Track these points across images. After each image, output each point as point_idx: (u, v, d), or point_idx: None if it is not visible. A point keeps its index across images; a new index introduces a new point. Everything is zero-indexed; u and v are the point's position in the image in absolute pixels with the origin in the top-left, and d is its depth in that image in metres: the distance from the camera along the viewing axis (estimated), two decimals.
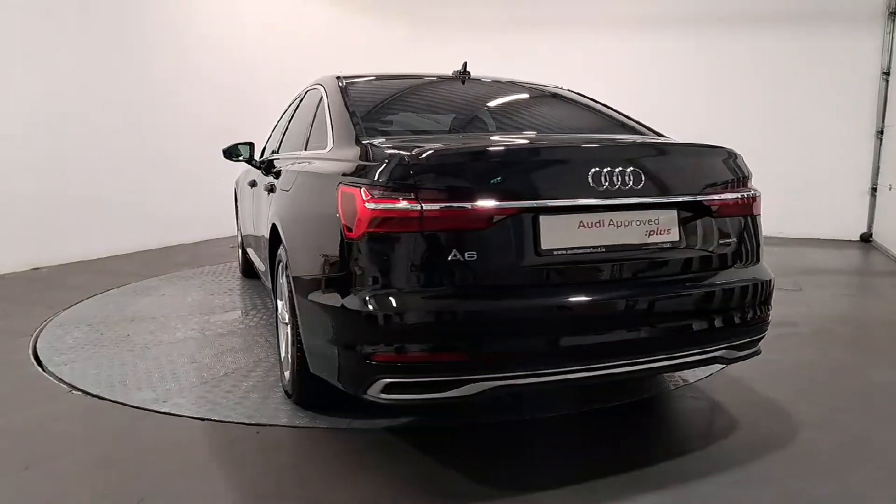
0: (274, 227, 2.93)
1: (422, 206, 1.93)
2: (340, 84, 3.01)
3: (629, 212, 2.15)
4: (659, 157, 2.32)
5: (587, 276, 2.12)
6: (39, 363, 3.34)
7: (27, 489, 2.12)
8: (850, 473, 2.22)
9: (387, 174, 2.01)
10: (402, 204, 1.94)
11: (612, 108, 3.24)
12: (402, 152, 2.08)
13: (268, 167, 3.62)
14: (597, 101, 3.32)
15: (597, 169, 2.08)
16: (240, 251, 5.43)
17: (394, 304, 1.96)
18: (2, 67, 5.48)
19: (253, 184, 4.23)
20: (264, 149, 4.42)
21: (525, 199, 2.02)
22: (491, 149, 2.25)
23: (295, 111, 3.83)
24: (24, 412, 2.72)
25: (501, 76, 3.49)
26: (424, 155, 2.04)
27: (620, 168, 2.11)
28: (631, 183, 2.12)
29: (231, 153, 3.98)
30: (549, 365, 2.07)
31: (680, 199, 2.24)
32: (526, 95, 3.41)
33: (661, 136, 2.87)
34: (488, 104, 3.26)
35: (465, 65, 3.28)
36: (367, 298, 1.98)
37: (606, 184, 2.09)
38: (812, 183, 8.35)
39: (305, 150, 3.10)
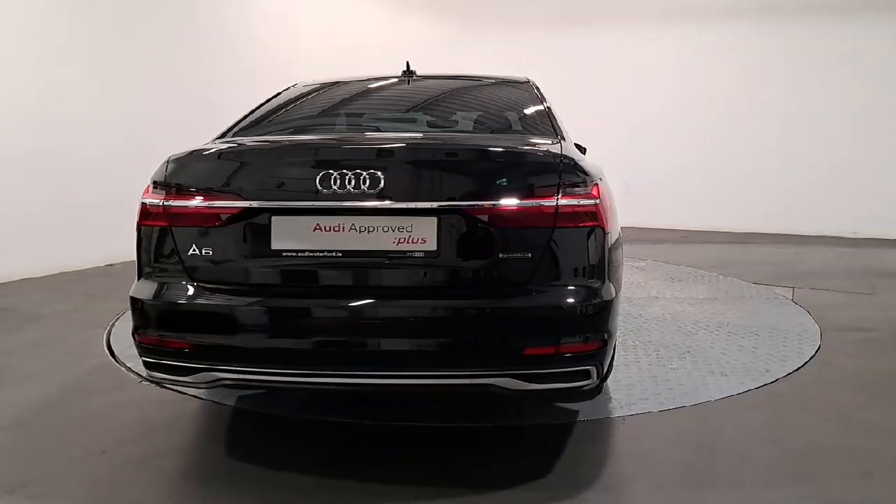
0: None
1: (163, 203, 2.14)
2: (289, 87, 3.16)
3: (373, 217, 2.04)
4: (422, 160, 2.16)
5: (319, 280, 2.12)
6: (112, 353, 3.54)
7: (103, 473, 2.27)
8: None
9: (156, 172, 2.23)
10: (153, 199, 2.17)
11: (541, 107, 2.84)
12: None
13: None
14: (525, 95, 2.99)
15: (329, 171, 2.03)
16: None
17: (142, 290, 2.17)
18: (71, 80, 5.82)
19: None
20: None
21: (254, 200, 2.09)
22: (228, 150, 2.31)
23: None
24: (100, 398, 2.90)
25: (450, 73, 3.35)
26: (174, 156, 2.23)
27: (360, 170, 2.01)
28: (366, 186, 2.00)
29: None
30: (274, 366, 2.11)
31: (440, 206, 2.03)
32: (439, 93, 3.23)
33: (557, 138, 2.46)
34: (384, 104, 3.29)
35: (408, 64, 3.29)
36: (134, 282, 2.22)
37: (336, 186, 2.01)
38: (888, 181, 7.88)
39: None
